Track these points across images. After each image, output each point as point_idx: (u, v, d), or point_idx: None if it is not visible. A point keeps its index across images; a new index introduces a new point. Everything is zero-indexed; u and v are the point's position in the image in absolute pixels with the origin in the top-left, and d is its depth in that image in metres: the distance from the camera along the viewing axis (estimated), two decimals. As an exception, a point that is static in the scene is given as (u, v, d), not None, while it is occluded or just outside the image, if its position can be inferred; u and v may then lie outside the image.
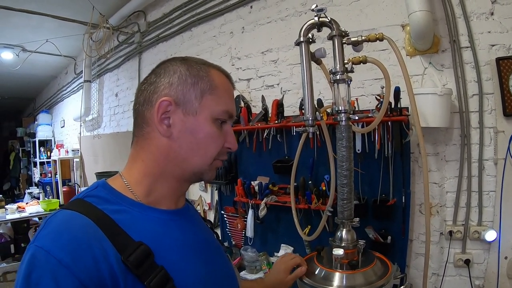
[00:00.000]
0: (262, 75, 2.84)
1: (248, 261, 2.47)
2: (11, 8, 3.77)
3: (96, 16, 4.12)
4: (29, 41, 5.17)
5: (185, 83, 0.80)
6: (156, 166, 0.81)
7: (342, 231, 1.28)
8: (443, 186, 2.02)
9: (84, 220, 0.67)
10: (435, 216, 2.04)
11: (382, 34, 1.27)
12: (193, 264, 0.80)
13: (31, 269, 0.61)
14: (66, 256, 0.61)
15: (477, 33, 1.90)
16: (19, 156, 11.31)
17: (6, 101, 10.17)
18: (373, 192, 2.08)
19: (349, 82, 1.27)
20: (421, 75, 1.98)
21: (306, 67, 1.27)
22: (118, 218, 0.71)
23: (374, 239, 1.99)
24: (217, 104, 0.82)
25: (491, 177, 1.90)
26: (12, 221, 5.20)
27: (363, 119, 1.86)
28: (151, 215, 0.78)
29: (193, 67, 0.82)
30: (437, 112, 1.83)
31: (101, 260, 0.64)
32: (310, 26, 1.29)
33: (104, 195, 0.76)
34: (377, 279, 1.17)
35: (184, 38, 3.63)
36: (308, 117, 1.26)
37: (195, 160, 0.81)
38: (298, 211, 2.26)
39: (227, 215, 2.88)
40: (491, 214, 1.89)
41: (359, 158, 2.08)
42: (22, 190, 9.83)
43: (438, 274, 2.04)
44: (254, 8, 2.87)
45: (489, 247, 1.89)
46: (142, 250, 0.68)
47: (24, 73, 6.30)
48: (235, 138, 0.87)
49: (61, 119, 7.93)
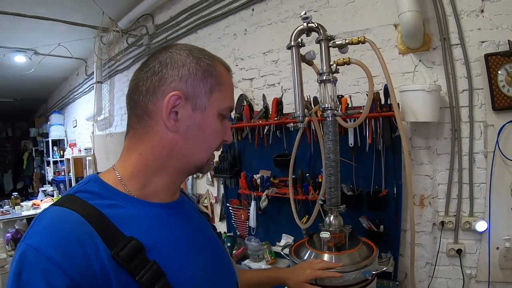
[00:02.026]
0: (264, 74, 2.94)
1: (251, 250, 2.61)
2: (23, 14, 3.88)
3: (106, 20, 4.22)
4: (41, 45, 5.28)
5: (195, 77, 0.78)
6: (156, 160, 0.79)
7: (330, 216, 1.40)
8: (435, 179, 2.08)
9: (75, 217, 0.66)
10: (428, 207, 2.10)
11: (364, 37, 1.38)
12: (189, 258, 0.79)
13: (22, 268, 0.60)
14: (56, 253, 0.60)
15: (467, 30, 1.95)
16: (32, 155, 11.53)
17: (19, 102, 10.32)
18: (366, 184, 2.18)
19: (335, 82, 1.38)
20: (412, 72, 2.05)
21: (297, 69, 1.39)
22: (110, 213, 0.70)
23: (368, 228, 2.09)
24: (224, 100, 0.82)
25: (481, 169, 1.95)
26: (27, 218, 5.40)
27: (354, 115, 1.96)
28: (145, 209, 0.76)
29: (202, 60, 0.79)
30: (426, 107, 1.89)
31: (92, 257, 0.63)
32: (299, 32, 1.40)
33: (96, 189, 0.74)
34: (362, 260, 1.29)
35: (190, 40, 3.71)
36: (298, 114, 1.38)
37: (200, 155, 0.81)
38: (297, 202, 2.39)
39: (232, 207, 3.02)
40: (482, 206, 1.95)
41: (352, 152, 2.18)
42: (35, 188, 9.92)
43: (431, 263, 2.10)
44: (256, 11, 2.97)
45: (481, 238, 1.95)
46: (132, 245, 0.67)
47: (36, 75, 6.35)
48: (231, 132, 0.87)
49: (73, 119, 8.08)
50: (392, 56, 2.18)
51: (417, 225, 2.12)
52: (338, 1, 2.42)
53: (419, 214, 2.13)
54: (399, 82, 2.10)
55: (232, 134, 0.90)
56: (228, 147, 2.98)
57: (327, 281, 1.23)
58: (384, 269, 1.31)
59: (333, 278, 1.22)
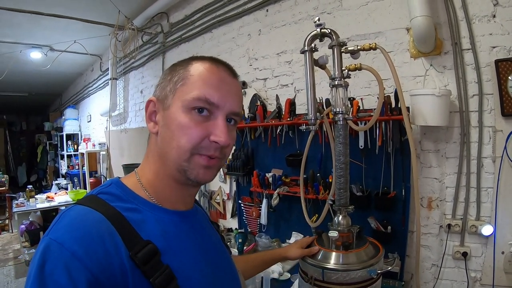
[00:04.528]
0: (278, 75, 2.98)
1: (262, 247, 2.66)
2: (40, 13, 3.98)
3: (122, 18, 4.31)
4: (58, 42, 5.40)
5: (164, 81, 0.83)
6: (155, 163, 0.83)
7: (338, 216, 1.45)
8: (443, 182, 2.10)
9: (97, 216, 0.69)
10: (435, 210, 2.13)
11: (375, 44, 1.42)
12: (199, 266, 0.81)
13: (45, 261, 0.61)
14: (80, 249, 0.62)
15: (478, 35, 1.94)
16: (46, 149, 11.72)
17: (34, 97, 10.52)
18: (375, 185, 2.22)
19: (347, 87, 1.43)
20: (423, 76, 2.06)
21: (310, 74, 1.44)
22: (129, 216, 0.72)
23: (375, 228, 2.13)
24: (188, 92, 0.78)
25: (489, 174, 1.96)
26: (41, 210, 5.53)
27: (365, 118, 2.00)
28: (161, 215, 0.79)
29: (177, 65, 0.84)
30: (436, 111, 1.90)
31: (112, 254, 0.65)
32: (312, 37, 1.45)
33: (117, 192, 0.77)
34: (368, 259, 1.34)
35: (205, 39, 3.77)
36: (311, 117, 1.44)
37: (171, 154, 0.79)
38: (307, 201, 2.44)
39: (244, 204, 3.08)
40: (488, 210, 1.95)
41: (362, 154, 2.23)
42: (49, 181, 10.11)
43: (437, 265, 2.12)
44: (270, 12, 3.01)
45: (487, 242, 1.96)
46: (149, 248, 0.70)
47: (51, 70, 6.47)
48: (224, 131, 0.78)
49: (88, 114, 8.21)
50: (403, 60, 2.20)
51: (424, 227, 2.15)
52: (351, 4, 2.45)
53: (427, 216, 2.15)
54: (410, 85, 2.13)
55: (224, 134, 0.78)
56: (242, 145, 3.03)
57: (334, 278, 1.29)
58: (389, 268, 1.36)
59: (338, 274, 1.30)
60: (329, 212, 2.00)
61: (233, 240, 2.84)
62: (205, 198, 3.72)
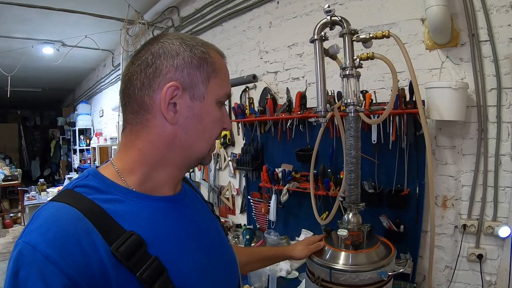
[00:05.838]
0: (288, 68, 2.92)
1: (270, 244, 2.61)
2: (51, 8, 3.99)
3: (132, 12, 4.29)
4: (69, 37, 5.41)
5: (191, 66, 0.75)
6: (156, 155, 0.77)
7: (348, 214, 1.39)
8: (459, 180, 2.02)
9: (73, 212, 0.64)
10: (450, 209, 2.05)
11: (388, 32, 1.35)
12: (191, 253, 0.78)
13: (19, 267, 0.58)
14: (54, 251, 0.59)
15: (496, 26, 1.87)
16: (59, 143, 11.91)
17: (47, 92, 10.68)
18: (388, 182, 2.14)
19: (358, 77, 1.36)
20: (439, 68, 1.98)
21: (319, 63, 1.37)
22: (109, 208, 0.68)
23: (388, 227, 2.06)
24: (221, 87, 0.80)
25: (507, 172, 1.86)
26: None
27: (378, 111, 1.93)
28: (146, 203, 0.75)
29: (195, 48, 0.77)
30: (452, 105, 1.83)
31: (90, 254, 0.61)
32: (322, 25, 1.38)
33: (95, 184, 0.72)
34: (379, 260, 1.27)
35: (215, 33, 3.74)
36: (320, 109, 1.37)
37: (201, 145, 0.79)
38: (317, 198, 2.38)
39: (253, 200, 3.04)
40: (506, 210, 1.86)
41: (375, 149, 2.15)
42: (62, 175, 10.28)
43: (451, 267, 2.05)
44: (281, 4, 2.95)
45: (503, 244, 1.87)
46: (133, 240, 0.66)
47: (64, 66, 6.50)
48: (229, 119, 0.86)
49: (100, 109, 8.28)
50: (418, 52, 2.12)
51: (438, 227, 2.08)
52: (364, -6, 2.38)
53: (441, 216, 2.07)
54: (425, 78, 2.04)
55: (230, 122, 0.86)
56: (251, 139, 2.99)
57: (342, 279, 1.23)
58: (401, 270, 1.29)
59: (347, 275, 1.24)
60: (339, 210, 1.93)
61: (241, 236, 2.80)
62: (215, 194, 3.69)
